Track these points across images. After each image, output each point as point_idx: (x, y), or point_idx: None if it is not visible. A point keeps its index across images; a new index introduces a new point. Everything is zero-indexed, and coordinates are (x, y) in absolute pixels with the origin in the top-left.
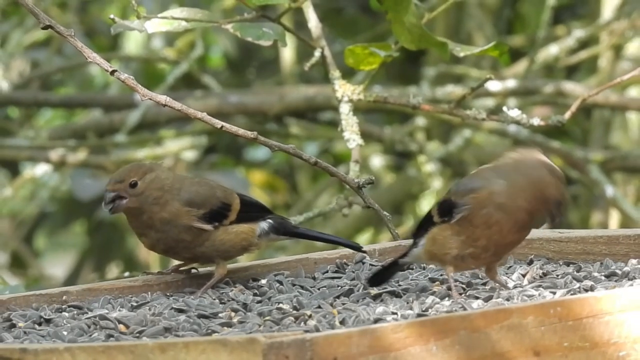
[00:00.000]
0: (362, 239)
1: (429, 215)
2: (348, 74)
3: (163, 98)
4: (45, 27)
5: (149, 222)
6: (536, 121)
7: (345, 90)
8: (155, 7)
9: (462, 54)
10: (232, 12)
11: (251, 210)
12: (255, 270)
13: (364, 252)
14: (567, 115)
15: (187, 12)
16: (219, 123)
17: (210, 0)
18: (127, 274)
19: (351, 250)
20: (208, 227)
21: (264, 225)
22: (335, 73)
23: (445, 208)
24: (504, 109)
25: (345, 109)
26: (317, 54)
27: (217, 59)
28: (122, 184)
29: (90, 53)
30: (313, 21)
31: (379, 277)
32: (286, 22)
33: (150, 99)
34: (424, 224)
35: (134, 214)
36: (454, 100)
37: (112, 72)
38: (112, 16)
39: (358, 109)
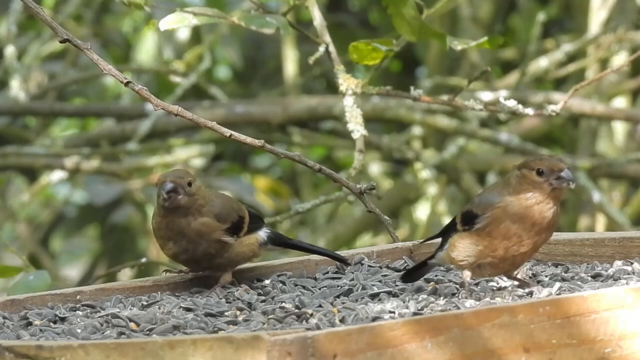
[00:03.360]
0: (361, 241)
1: (453, 221)
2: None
3: (175, 108)
4: (64, 41)
5: (184, 230)
6: (530, 111)
7: (349, 84)
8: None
9: (459, 47)
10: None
11: (255, 222)
12: (260, 271)
13: (349, 264)
14: (560, 105)
15: (197, 10)
16: (228, 132)
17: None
18: (143, 259)
19: (350, 252)
20: (231, 240)
21: (263, 235)
22: (339, 67)
23: (467, 218)
24: (500, 99)
25: (349, 101)
26: (321, 49)
27: (223, 79)
28: (182, 180)
29: (105, 65)
30: (318, 18)
31: (411, 275)
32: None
33: (162, 109)
34: (449, 229)
35: (179, 214)
36: (448, 106)
37: (127, 84)
38: None
39: None
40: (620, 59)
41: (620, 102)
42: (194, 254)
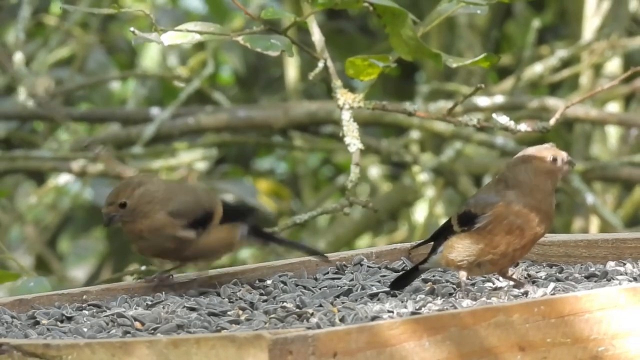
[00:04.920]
0: (361, 242)
1: (447, 224)
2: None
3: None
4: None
5: (138, 232)
6: (523, 127)
7: (346, 99)
8: (170, 27)
9: (454, 65)
10: (241, 31)
11: (233, 215)
12: (262, 271)
13: (329, 261)
14: (552, 121)
15: (200, 26)
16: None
17: (221, 20)
18: (143, 267)
19: (350, 253)
20: (191, 235)
21: (243, 228)
22: (337, 82)
23: (465, 219)
24: (494, 115)
25: (346, 115)
26: (320, 64)
27: (227, 78)
28: (113, 206)
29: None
30: (317, 34)
31: (401, 282)
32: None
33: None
34: (443, 232)
35: (126, 225)
36: (443, 121)
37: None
38: (132, 29)
39: (357, 121)
40: (614, 65)
41: (614, 107)
42: (154, 250)
